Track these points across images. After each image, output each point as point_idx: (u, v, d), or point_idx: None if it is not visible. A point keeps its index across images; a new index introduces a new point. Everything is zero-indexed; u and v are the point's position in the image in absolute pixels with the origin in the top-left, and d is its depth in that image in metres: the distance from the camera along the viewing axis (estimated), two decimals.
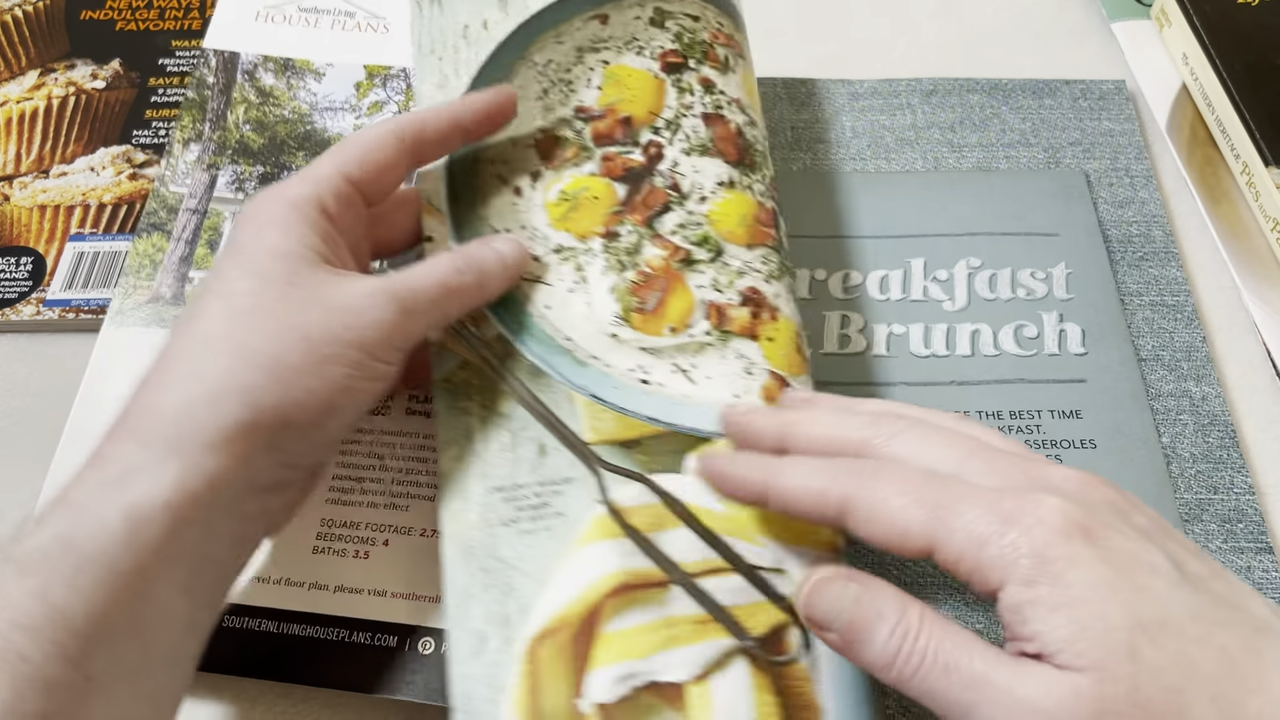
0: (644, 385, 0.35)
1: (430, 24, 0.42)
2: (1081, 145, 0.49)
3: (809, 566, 0.31)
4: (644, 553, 0.32)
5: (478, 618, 0.31)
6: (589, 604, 0.31)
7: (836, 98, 0.51)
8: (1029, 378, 0.42)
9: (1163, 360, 0.43)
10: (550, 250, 0.37)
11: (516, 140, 0.39)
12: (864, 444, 0.29)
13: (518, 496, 0.33)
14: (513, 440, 0.34)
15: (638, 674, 0.30)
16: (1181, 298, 0.45)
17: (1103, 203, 0.48)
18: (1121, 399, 0.42)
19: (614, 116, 0.39)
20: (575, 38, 0.41)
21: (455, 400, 0.35)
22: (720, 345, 0.35)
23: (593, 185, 0.38)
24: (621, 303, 0.36)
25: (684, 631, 0.30)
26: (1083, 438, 0.41)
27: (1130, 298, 0.45)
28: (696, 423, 0.34)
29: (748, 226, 0.38)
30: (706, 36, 0.41)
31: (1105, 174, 0.49)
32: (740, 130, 0.40)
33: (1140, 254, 0.46)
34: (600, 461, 0.33)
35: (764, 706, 0.29)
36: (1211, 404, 0.42)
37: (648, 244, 0.37)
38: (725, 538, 0.32)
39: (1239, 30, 0.51)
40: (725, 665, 0.30)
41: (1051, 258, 0.46)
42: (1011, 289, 0.45)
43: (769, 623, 0.31)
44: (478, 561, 0.32)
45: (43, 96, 0.52)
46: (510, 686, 0.30)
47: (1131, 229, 0.47)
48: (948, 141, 0.50)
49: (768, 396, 0.34)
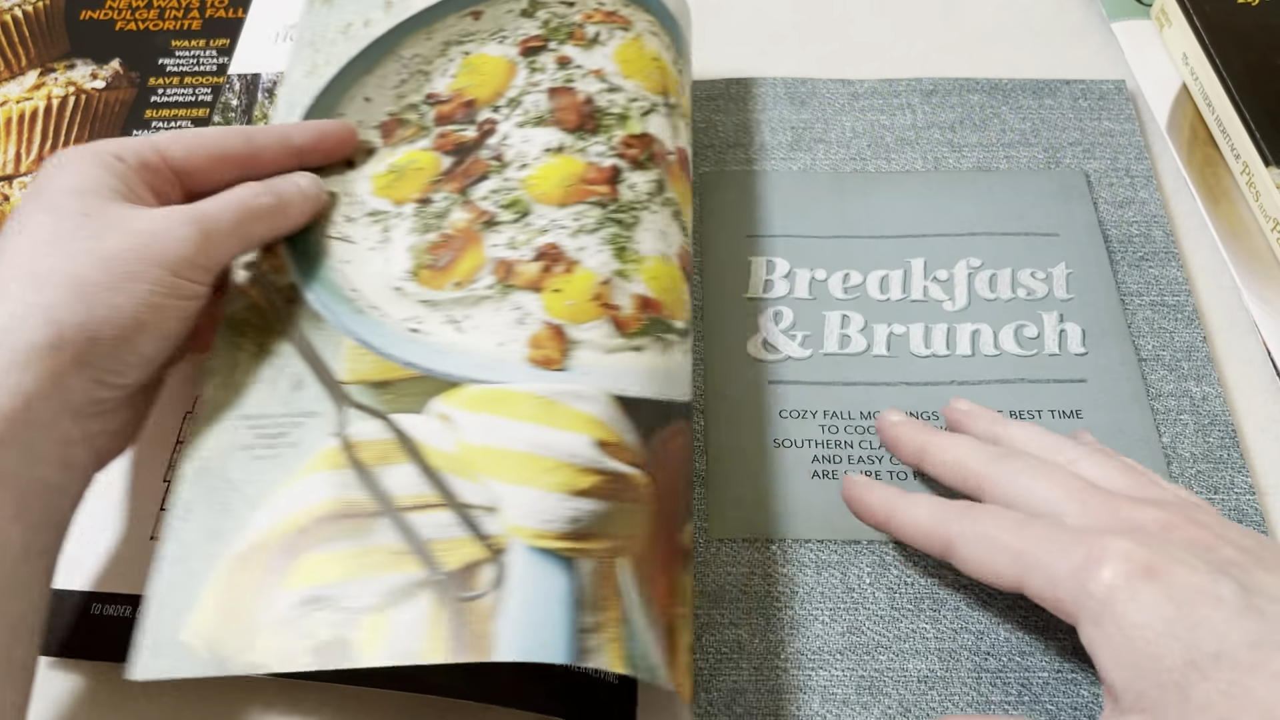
0: (411, 334, 0.37)
1: (316, 20, 0.45)
2: (1081, 145, 0.49)
3: (526, 505, 0.32)
4: (362, 484, 0.33)
5: (190, 530, 0.33)
6: (294, 527, 0.33)
7: (836, 98, 0.51)
8: (1029, 378, 0.42)
9: (1163, 360, 0.43)
10: (364, 214, 0.40)
11: (363, 123, 0.42)
12: (982, 479, 0.32)
13: (262, 425, 0.35)
14: (273, 374, 0.36)
15: (322, 598, 0.31)
16: (1181, 298, 0.45)
17: (1103, 203, 0.48)
18: (1122, 399, 0.42)
19: (459, 100, 0.42)
20: (445, 33, 0.44)
21: (233, 335, 0.37)
22: (499, 298, 0.37)
23: (420, 158, 0.41)
24: (415, 260, 0.39)
25: (378, 560, 0.32)
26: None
27: (1130, 298, 0.45)
28: (448, 369, 0.36)
29: (567, 187, 0.40)
30: (578, 18, 0.44)
31: (1105, 174, 0.48)
32: (590, 99, 0.42)
33: (1140, 254, 0.46)
34: (346, 398, 0.35)
35: (431, 639, 0.30)
36: (1212, 404, 0.42)
37: (457, 209, 0.40)
38: (446, 475, 0.34)
39: (1239, 30, 0.51)
40: (409, 597, 0.31)
41: (1052, 258, 0.46)
42: (1012, 289, 0.45)
43: (465, 558, 0.32)
44: (207, 480, 0.34)
45: (43, 96, 0.52)
46: (202, 598, 0.32)
47: (1132, 229, 0.47)
48: (948, 141, 0.50)
49: (534, 345, 0.36)
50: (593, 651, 0.30)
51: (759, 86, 0.52)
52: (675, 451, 0.36)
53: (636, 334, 0.37)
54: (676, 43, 0.46)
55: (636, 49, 0.44)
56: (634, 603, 0.32)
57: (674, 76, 0.45)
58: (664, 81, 0.44)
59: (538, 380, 0.35)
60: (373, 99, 0.43)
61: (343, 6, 0.45)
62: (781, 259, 0.46)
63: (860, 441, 0.41)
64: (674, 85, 0.44)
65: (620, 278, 0.38)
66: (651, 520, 0.34)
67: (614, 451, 0.34)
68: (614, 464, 0.33)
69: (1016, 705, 0.35)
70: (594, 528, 0.32)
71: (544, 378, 0.35)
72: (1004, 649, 0.37)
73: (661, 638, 0.32)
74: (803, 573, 0.38)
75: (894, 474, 0.40)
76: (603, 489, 0.33)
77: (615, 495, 0.33)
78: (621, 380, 0.35)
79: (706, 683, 0.36)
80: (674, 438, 0.36)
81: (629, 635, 0.31)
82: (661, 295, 0.38)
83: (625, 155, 0.41)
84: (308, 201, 0.38)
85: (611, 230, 0.39)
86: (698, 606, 0.38)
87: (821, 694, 0.36)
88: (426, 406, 0.35)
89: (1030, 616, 0.37)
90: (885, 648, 0.37)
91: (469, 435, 0.34)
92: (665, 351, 0.37)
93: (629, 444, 0.34)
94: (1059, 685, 0.36)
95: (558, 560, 0.32)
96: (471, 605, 0.31)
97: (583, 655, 0.30)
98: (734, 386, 0.43)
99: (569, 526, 0.32)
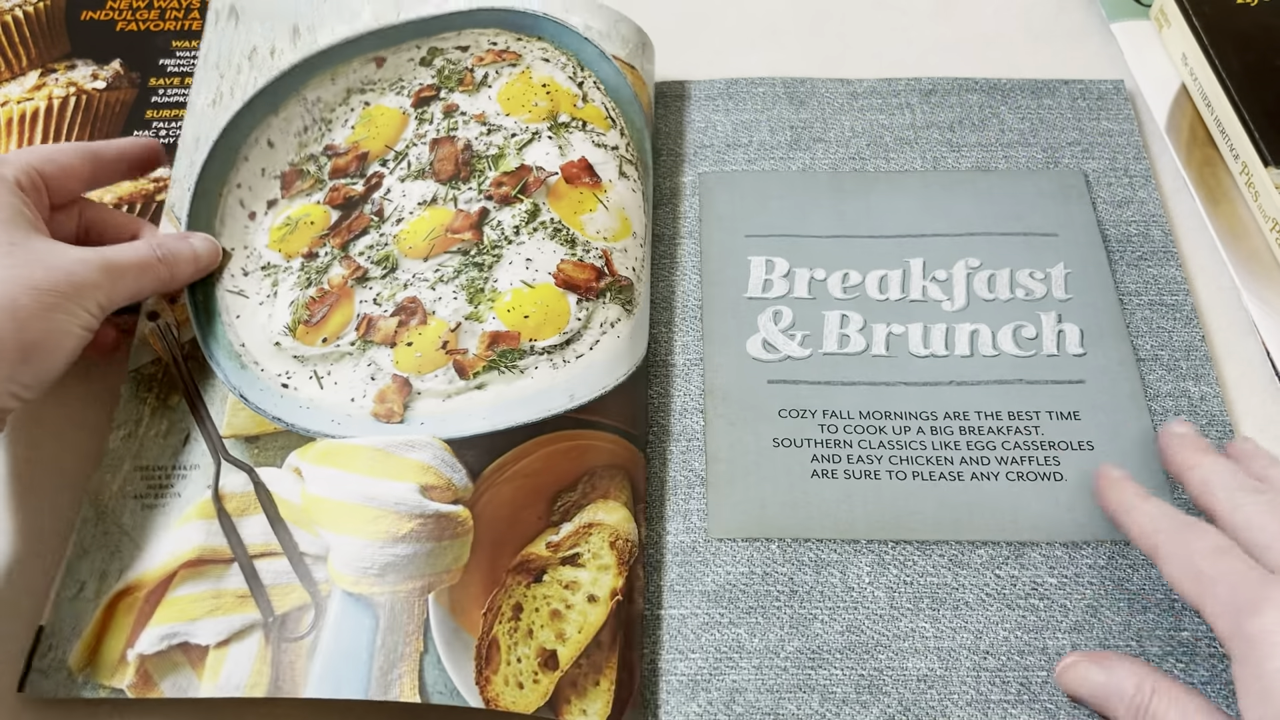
0: (283, 389, 0.40)
1: (221, 37, 0.47)
2: (1080, 145, 0.49)
3: (347, 554, 0.36)
4: (224, 533, 0.37)
5: (84, 570, 0.37)
6: (167, 571, 0.37)
7: (836, 97, 0.51)
8: (1028, 378, 0.42)
9: (1161, 360, 0.43)
10: (258, 267, 0.43)
11: (266, 170, 0.45)
12: (1220, 505, 0.34)
13: (154, 476, 0.39)
14: (169, 429, 0.40)
15: (177, 634, 0.35)
16: (1180, 297, 0.45)
17: (1101, 202, 0.48)
18: (1120, 399, 0.42)
19: (354, 153, 0.45)
20: (349, 79, 0.47)
21: (138, 390, 0.41)
22: (358, 355, 0.41)
23: (312, 212, 0.44)
24: (294, 315, 0.42)
25: (226, 603, 0.36)
26: (1080, 439, 0.41)
27: (1129, 297, 0.45)
28: (307, 424, 0.39)
29: (432, 240, 0.43)
30: (470, 63, 0.47)
31: (1104, 174, 0.49)
32: (469, 144, 0.45)
33: (1139, 253, 0.46)
34: (224, 452, 0.39)
35: (256, 675, 0.35)
36: (1210, 403, 0.42)
37: (336, 264, 0.43)
38: (290, 525, 0.38)
39: (1239, 30, 0.51)
40: (245, 635, 0.36)
41: (1050, 258, 0.46)
42: (1010, 289, 0.45)
43: (295, 602, 0.36)
44: (103, 525, 0.38)
45: (43, 97, 0.52)
46: (85, 630, 0.36)
47: (1130, 228, 0.47)
48: (946, 141, 0.50)
49: (379, 399, 0.40)
50: (389, 685, 0.34)
51: (758, 86, 0.52)
52: (526, 470, 0.38)
53: (481, 372, 0.40)
54: (580, 54, 0.47)
55: (523, 84, 0.46)
56: (443, 631, 0.35)
57: (569, 93, 0.46)
58: (553, 105, 0.46)
59: (378, 433, 0.39)
60: (276, 144, 0.45)
61: (249, 27, 0.47)
62: (781, 259, 0.46)
63: (859, 441, 0.41)
64: (567, 101, 0.46)
65: (471, 320, 0.41)
66: (472, 550, 0.37)
67: (437, 494, 0.37)
68: (435, 506, 0.37)
69: (1016, 704, 0.36)
70: (407, 570, 0.36)
71: (384, 430, 0.39)
72: (1003, 648, 0.37)
73: (472, 659, 0.35)
74: (802, 572, 0.38)
75: (893, 473, 0.40)
76: (420, 531, 0.36)
77: (433, 536, 0.36)
78: (456, 423, 0.39)
79: (706, 682, 0.36)
80: (526, 455, 0.38)
81: (430, 664, 0.34)
82: (517, 325, 0.41)
83: (495, 195, 0.43)
84: (196, 265, 0.41)
85: (469, 275, 0.42)
86: (698, 606, 0.38)
87: (821, 693, 0.36)
88: (285, 460, 0.39)
89: (1028, 616, 0.37)
90: (885, 647, 0.37)
91: (313, 487, 0.38)
92: (517, 379, 0.40)
93: (455, 483, 0.37)
94: (1058, 684, 0.36)
95: (367, 604, 0.36)
96: (293, 646, 0.35)
97: (380, 690, 0.34)
98: (734, 386, 0.43)
99: (382, 572, 0.36)
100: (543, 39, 0.47)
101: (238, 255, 0.43)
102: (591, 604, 0.36)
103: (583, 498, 0.38)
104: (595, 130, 0.46)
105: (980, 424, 0.41)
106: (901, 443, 0.41)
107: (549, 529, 0.38)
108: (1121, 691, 0.33)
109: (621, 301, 0.42)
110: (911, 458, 0.41)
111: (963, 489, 0.40)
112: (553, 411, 0.39)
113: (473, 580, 0.36)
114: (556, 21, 0.48)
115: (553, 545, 0.37)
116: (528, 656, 0.35)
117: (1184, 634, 0.37)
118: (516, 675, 0.35)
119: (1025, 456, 0.41)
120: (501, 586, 0.36)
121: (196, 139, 0.45)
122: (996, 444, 0.41)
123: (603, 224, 0.44)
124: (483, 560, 0.37)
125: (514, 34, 0.48)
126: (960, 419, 0.41)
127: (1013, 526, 0.39)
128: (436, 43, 0.47)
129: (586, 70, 0.47)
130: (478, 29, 0.48)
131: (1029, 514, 0.39)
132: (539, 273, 0.42)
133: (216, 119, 0.45)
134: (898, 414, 0.42)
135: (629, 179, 0.45)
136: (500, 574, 0.36)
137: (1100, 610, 0.37)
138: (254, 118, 0.45)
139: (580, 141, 0.45)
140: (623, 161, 0.46)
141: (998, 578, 0.38)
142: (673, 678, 0.37)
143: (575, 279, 0.42)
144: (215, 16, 0.47)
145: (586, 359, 0.41)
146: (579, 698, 0.35)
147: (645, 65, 0.50)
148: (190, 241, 0.42)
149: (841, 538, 0.39)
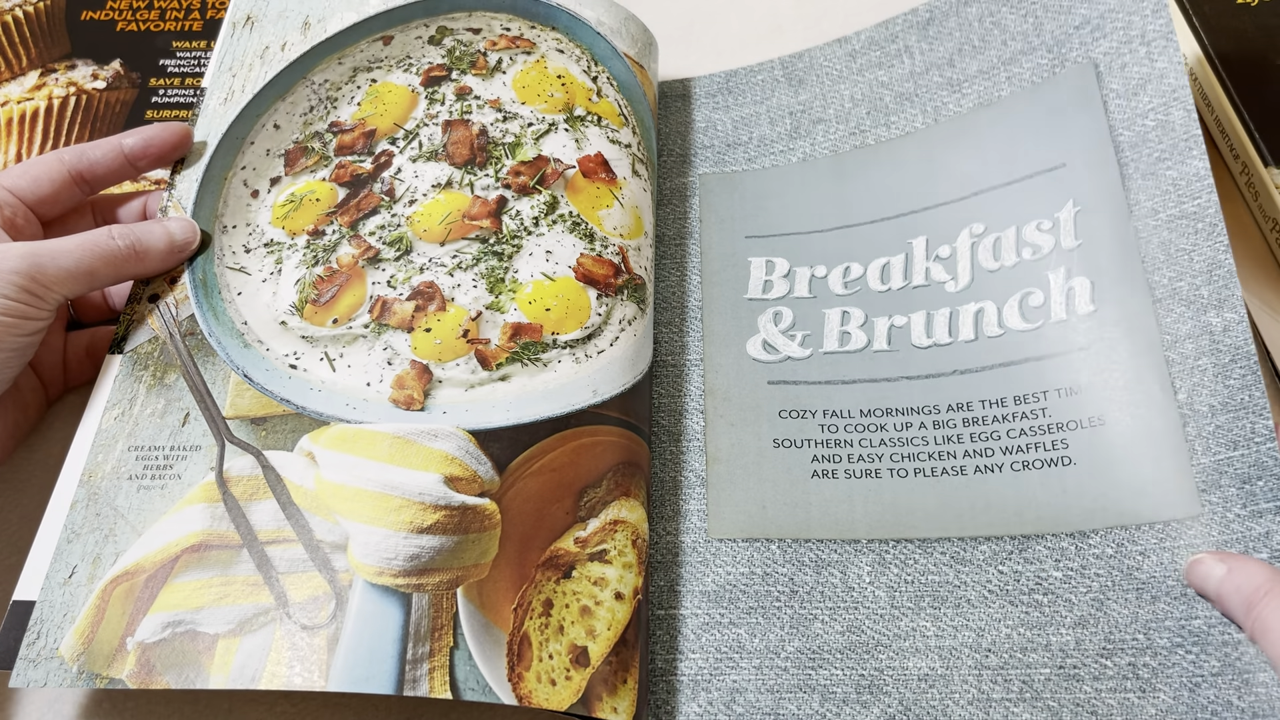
0: (291, 370, 0.39)
1: (237, 45, 0.47)
2: (1089, 25, 0.45)
3: (370, 543, 0.35)
4: (230, 517, 0.36)
5: (76, 553, 0.36)
6: (167, 555, 0.36)
7: (834, 63, 0.50)
8: (1034, 355, 0.40)
9: (1180, 293, 0.39)
10: (261, 244, 0.42)
11: (271, 150, 0.44)
12: None
13: (150, 457, 0.38)
14: (165, 408, 0.39)
15: (181, 622, 0.34)
16: (1203, 199, 0.39)
17: (1114, 97, 0.43)
18: (1135, 357, 0.39)
19: (360, 130, 0.44)
20: (356, 59, 0.46)
21: (134, 369, 0.40)
22: (372, 338, 0.40)
23: (318, 189, 0.43)
24: (301, 294, 0.41)
25: (236, 590, 0.35)
26: (1090, 415, 0.39)
27: (1145, 219, 0.40)
28: (319, 407, 0.38)
29: (449, 224, 0.42)
30: (482, 46, 0.46)
31: (1118, 53, 0.43)
32: (484, 130, 0.44)
33: (1156, 153, 0.41)
34: (228, 433, 0.38)
35: (274, 665, 0.33)
36: (1234, 334, 0.37)
37: (345, 243, 0.42)
38: (305, 511, 0.36)
39: (1239, 30, 0.51)
40: (259, 625, 0.34)
41: (1058, 198, 0.43)
42: (1016, 252, 0.43)
43: (312, 591, 0.35)
44: (95, 506, 0.37)
45: (44, 97, 0.52)
46: (79, 616, 0.35)
47: (1147, 121, 0.42)
48: (947, 82, 0.48)
49: (398, 385, 0.39)
50: (418, 681, 0.33)
51: (757, 74, 0.51)
52: (553, 464, 0.38)
53: (504, 364, 0.39)
54: (594, 49, 0.47)
55: (538, 73, 0.46)
56: (473, 626, 0.34)
57: (584, 86, 0.46)
58: (568, 97, 0.46)
59: (397, 420, 0.38)
60: (281, 126, 0.45)
61: (263, 30, 0.47)
62: (781, 258, 0.46)
63: (860, 440, 0.41)
64: (583, 95, 0.46)
65: (493, 310, 0.40)
66: (500, 544, 0.36)
67: (463, 486, 0.36)
68: (461, 498, 0.36)
69: (1018, 703, 0.35)
70: (433, 563, 0.35)
71: (404, 418, 0.38)
72: (1005, 646, 0.36)
73: (504, 655, 0.34)
74: (803, 572, 0.38)
75: (894, 471, 0.40)
76: (447, 524, 0.35)
77: (460, 528, 0.35)
78: (479, 414, 0.38)
79: (706, 682, 0.36)
80: (551, 449, 0.38)
81: (460, 660, 0.34)
82: (539, 317, 0.40)
83: (513, 184, 0.43)
84: (172, 251, 0.41)
85: (489, 264, 0.41)
86: (698, 606, 0.38)
87: (822, 693, 0.36)
88: (297, 444, 0.38)
89: (1031, 612, 0.37)
90: (885, 646, 0.37)
91: (328, 473, 0.37)
92: (540, 372, 0.39)
93: (481, 475, 0.37)
94: (1060, 681, 0.36)
95: (393, 596, 0.34)
96: (313, 637, 0.34)
97: (408, 685, 0.33)
98: (734, 387, 0.43)
99: (408, 564, 0.35)
100: (556, 29, 0.47)
101: (239, 232, 0.42)
102: (619, 601, 0.36)
103: (607, 494, 0.38)
104: (610, 126, 0.46)
105: (984, 413, 0.40)
106: (903, 439, 0.41)
107: (576, 524, 0.37)
108: (1239, 589, 0.34)
109: (636, 300, 0.42)
110: (913, 454, 0.40)
111: (965, 484, 0.39)
112: (577, 406, 0.39)
113: (501, 575, 0.35)
114: (570, 14, 0.47)
115: (580, 541, 0.37)
116: (559, 653, 0.35)
117: (1196, 622, 0.35)
118: (549, 672, 0.34)
119: (1031, 444, 0.39)
120: (531, 582, 0.36)
121: (206, 135, 0.44)
122: (1001, 433, 0.40)
123: (619, 221, 0.44)
124: (511, 555, 0.36)
125: (527, 21, 0.47)
126: (963, 410, 0.41)
127: (1017, 520, 0.38)
128: (445, 22, 0.47)
129: (600, 66, 0.47)
130: (489, 12, 0.47)
131: (1034, 505, 0.38)
132: (559, 266, 0.42)
133: (226, 114, 0.45)
134: (899, 410, 0.41)
135: (641, 178, 0.45)
136: (529, 569, 0.36)
137: (1106, 603, 0.36)
138: (261, 105, 0.45)
139: (596, 136, 0.45)
140: (635, 160, 0.46)
141: (1000, 574, 0.38)
142: (673, 678, 0.36)
143: (595, 274, 0.42)
144: (231, 28, 0.47)
145: (608, 354, 0.41)
146: (610, 695, 0.34)
147: (651, 64, 0.50)
148: (164, 224, 0.41)
149: (842, 538, 0.39)
